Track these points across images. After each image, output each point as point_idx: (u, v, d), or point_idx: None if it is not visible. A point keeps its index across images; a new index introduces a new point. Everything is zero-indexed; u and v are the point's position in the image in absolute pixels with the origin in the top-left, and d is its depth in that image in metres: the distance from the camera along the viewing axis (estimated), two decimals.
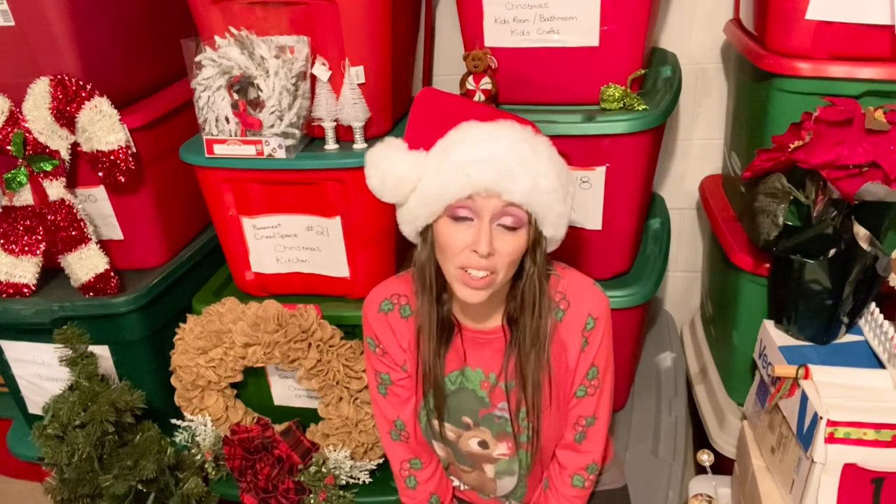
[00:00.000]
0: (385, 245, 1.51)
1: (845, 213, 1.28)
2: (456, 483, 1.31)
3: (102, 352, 1.57)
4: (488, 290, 1.03)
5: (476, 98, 1.44)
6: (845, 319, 1.33)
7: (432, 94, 1.08)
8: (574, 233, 1.50)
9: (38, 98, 1.42)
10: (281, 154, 1.38)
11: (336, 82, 1.39)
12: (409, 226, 1.08)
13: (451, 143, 1.00)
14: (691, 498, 1.40)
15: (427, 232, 1.06)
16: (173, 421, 1.60)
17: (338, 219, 1.46)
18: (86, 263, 1.52)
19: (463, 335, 1.16)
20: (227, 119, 1.38)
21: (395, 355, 1.20)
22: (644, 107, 1.37)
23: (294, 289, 1.58)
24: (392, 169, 1.03)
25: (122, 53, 1.54)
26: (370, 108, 1.40)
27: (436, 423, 1.18)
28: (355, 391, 1.50)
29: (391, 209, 1.47)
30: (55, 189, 1.48)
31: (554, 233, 1.05)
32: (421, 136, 1.03)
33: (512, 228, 1.00)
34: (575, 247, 1.50)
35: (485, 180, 0.96)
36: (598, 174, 1.41)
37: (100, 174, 1.46)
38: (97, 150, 1.44)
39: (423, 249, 1.08)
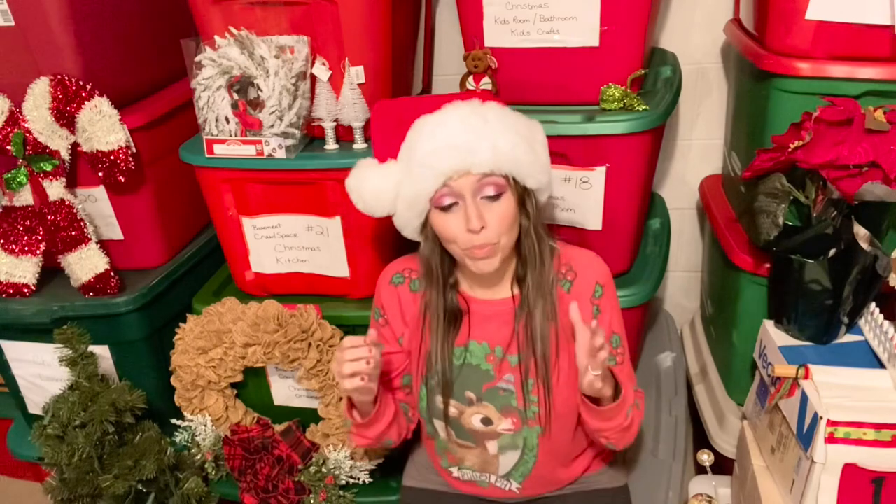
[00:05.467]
0: (385, 245, 1.51)
1: (845, 213, 1.28)
2: (456, 474, 1.30)
3: (102, 352, 1.57)
4: (497, 257, 1.08)
5: None
6: (845, 319, 1.33)
7: (384, 106, 1.15)
8: (574, 233, 1.50)
9: (38, 98, 1.42)
10: (281, 154, 1.38)
11: (336, 82, 1.39)
12: (408, 228, 1.14)
13: (412, 144, 1.07)
14: (691, 498, 1.40)
15: (426, 228, 1.12)
16: (173, 421, 1.60)
17: (338, 219, 1.46)
18: (86, 263, 1.52)
19: (470, 311, 1.19)
20: (227, 119, 1.38)
21: (395, 326, 1.24)
22: (644, 107, 1.37)
23: (294, 289, 1.58)
24: (368, 187, 1.12)
25: (122, 53, 1.54)
26: (370, 109, 1.40)
27: (437, 400, 1.19)
28: None
29: None
30: (55, 189, 1.48)
31: (537, 183, 1.09)
32: (385, 147, 1.11)
33: (496, 196, 1.05)
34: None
35: (450, 164, 1.03)
36: (598, 174, 1.41)
37: (100, 174, 1.46)
38: (97, 150, 1.44)
39: (426, 245, 1.14)
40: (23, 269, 1.55)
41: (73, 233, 1.50)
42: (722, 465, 1.54)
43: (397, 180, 1.09)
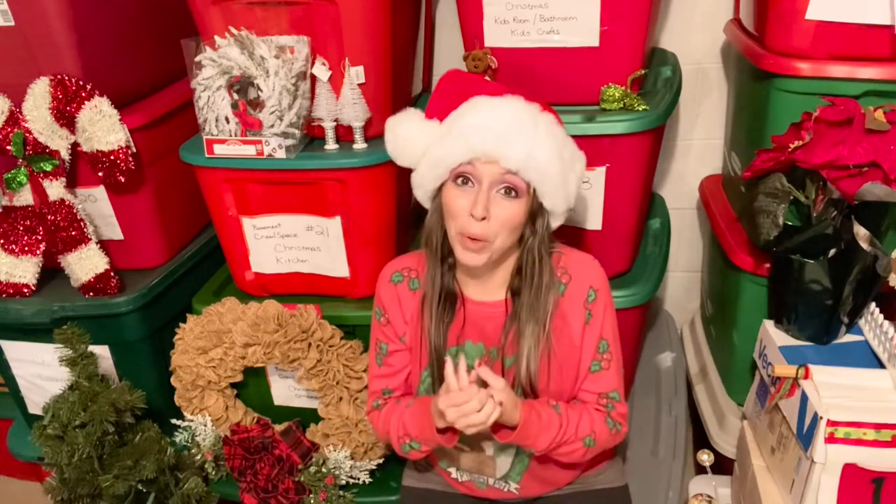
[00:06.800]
0: (385, 245, 1.51)
1: (845, 213, 1.28)
2: (454, 475, 1.30)
3: (102, 352, 1.57)
4: (486, 254, 1.08)
5: None
6: (845, 319, 1.33)
7: (456, 74, 1.16)
8: (574, 233, 1.50)
9: (38, 98, 1.42)
10: (281, 154, 1.38)
11: (336, 82, 1.39)
12: (421, 189, 1.14)
13: (460, 114, 1.08)
14: (691, 498, 1.40)
15: (437, 198, 1.13)
16: (173, 421, 1.60)
17: (338, 219, 1.46)
18: (86, 263, 1.52)
19: (466, 308, 1.19)
20: (227, 119, 1.38)
21: (396, 325, 1.23)
22: (644, 107, 1.37)
23: (294, 289, 1.58)
24: (403, 131, 1.13)
25: (122, 53, 1.54)
26: (370, 108, 1.40)
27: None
28: (355, 391, 1.50)
29: (391, 209, 1.48)
30: (55, 189, 1.48)
31: (553, 205, 1.09)
32: (438, 108, 1.12)
33: (510, 196, 1.06)
34: (575, 247, 1.50)
35: (483, 146, 1.03)
36: (598, 174, 1.41)
37: (100, 174, 1.46)
38: (97, 150, 1.44)
39: (433, 214, 1.15)
40: (23, 269, 1.55)
41: (73, 233, 1.50)
42: (722, 465, 1.54)
43: (431, 139, 1.10)
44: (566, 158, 1.09)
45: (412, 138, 1.12)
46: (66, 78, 1.40)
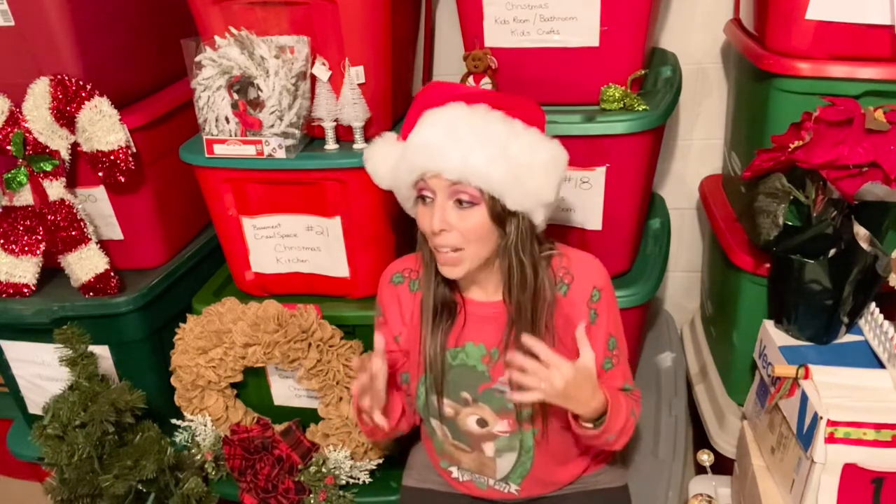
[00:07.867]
0: (385, 245, 1.51)
1: (845, 213, 1.28)
2: (455, 475, 1.31)
3: (102, 352, 1.57)
4: (462, 266, 1.08)
5: None
6: (845, 319, 1.33)
7: (426, 89, 1.14)
8: (574, 233, 1.50)
9: (38, 98, 1.42)
10: (281, 154, 1.38)
11: (336, 82, 1.39)
12: (406, 207, 1.16)
13: (412, 132, 1.08)
14: (691, 498, 1.40)
15: None
16: (173, 421, 1.60)
17: (338, 219, 1.46)
18: (86, 263, 1.52)
19: (466, 310, 1.19)
20: (227, 119, 1.38)
21: (393, 325, 1.24)
22: (644, 107, 1.37)
23: (294, 289, 1.58)
24: (374, 157, 1.15)
25: (122, 53, 1.54)
26: (370, 108, 1.41)
27: (434, 399, 1.20)
28: None
29: (391, 209, 1.48)
30: (55, 189, 1.48)
31: (516, 205, 1.05)
32: (405, 128, 1.12)
33: (466, 204, 1.05)
34: (575, 247, 1.49)
35: (423, 162, 1.04)
36: (598, 174, 1.41)
37: (100, 174, 1.46)
38: (97, 150, 1.44)
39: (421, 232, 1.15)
40: (23, 269, 1.55)
41: (73, 233, 1.50)
42: (722, 465, 1.54)
43: (395, 159, 1.10)
44: (515, 154, 1.02)
45: (378, 163, 1.14)
46: (66, 78, 1.40)
